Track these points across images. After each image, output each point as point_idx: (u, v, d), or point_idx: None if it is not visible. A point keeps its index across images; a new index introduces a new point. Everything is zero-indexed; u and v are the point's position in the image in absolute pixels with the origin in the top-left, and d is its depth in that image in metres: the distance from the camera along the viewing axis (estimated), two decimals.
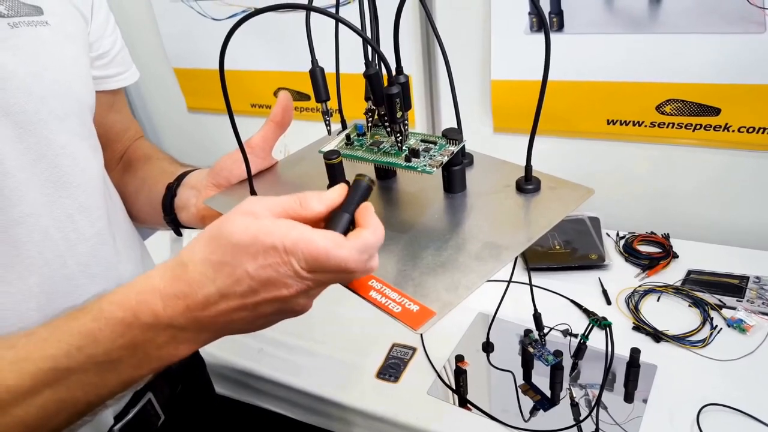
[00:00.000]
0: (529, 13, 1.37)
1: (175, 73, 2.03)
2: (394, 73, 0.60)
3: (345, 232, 0.53)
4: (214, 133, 2.07)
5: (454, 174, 0.67)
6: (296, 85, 1.78)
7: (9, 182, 0.64)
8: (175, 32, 1.93)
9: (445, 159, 0.64)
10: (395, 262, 0.60)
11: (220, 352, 1.29)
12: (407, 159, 0.64)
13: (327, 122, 0.69)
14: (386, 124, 0.62)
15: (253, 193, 0.71)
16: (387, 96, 0.59)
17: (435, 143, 0.66)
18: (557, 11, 1.35)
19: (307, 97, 1.78)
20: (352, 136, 0.70)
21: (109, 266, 0.77)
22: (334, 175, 0.67)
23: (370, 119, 0.69)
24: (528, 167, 0.65)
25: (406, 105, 0.62)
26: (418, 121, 1.69)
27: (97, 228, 0.75)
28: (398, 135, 0.63)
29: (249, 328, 0.55)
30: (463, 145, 0.66)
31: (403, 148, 0.65)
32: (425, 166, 0.63)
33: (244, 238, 0.51)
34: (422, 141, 0.67)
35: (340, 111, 0.77)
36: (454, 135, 0.66)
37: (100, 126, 0.81)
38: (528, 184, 0.65)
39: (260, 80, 1.85)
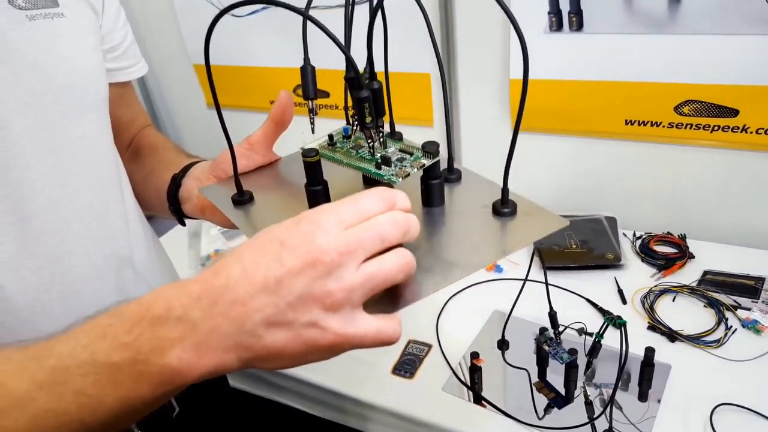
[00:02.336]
0: (549, 13, 1.37)
1: (195, 69, 2.05)
2: (363, 77, 0.60)
3: None
4: (233, 129, 2.05)
5: (431, 188, 0.66)
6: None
7: (30, 174, 0.66)
8: (195, 29, 1.94)
9: (414, 171, 0.62)
10: None
11: None
12: (378, 166, 0.63)
13: (312, 120, 0.69)
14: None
15: (238, 186, 0.72)
16: (355, 101, 0.59)
17: (411, 154, 0.65)
18: (576, 11, 1.35)
19: (326, 94, 1.79)
20: (335, 137, 0.70)
21: (125, 254, 0.80)
22: (312, 173, 0.67)
23: (356, 122, 0.70)
24: (504, 191, 0.64)
25: (379, 111, 0.62)
26: (436, 120, 1.71)
27: (113, 217, 0.77)
28: (369, 141, 0.62)
29: (270, 341, 0.45)
30: (438, 160, 0.65)
31: (377, 155, 0.64)
32: (392, 175, 0.62)
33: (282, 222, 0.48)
34: (400, 150, 0.66)
35: (346, 110, 0.77)
36: (429, 148, 0.64)
37: (109, 117, 0.82)
38: (504, 207, 0.64)
39: (280, 77, 1.86)
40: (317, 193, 0.67)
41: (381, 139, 0.63)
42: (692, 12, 1.26)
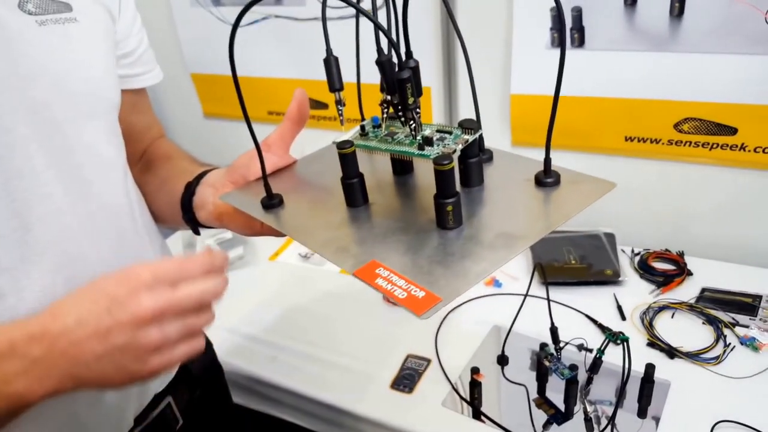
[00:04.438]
0: (551, 29, 1.38)
1: (193, 79, 2.05)
2: (404, 57, 0.60)
3: None
4: (230, 139, 2.08)
5: (471, 166, 0.66)
6: (314, 94, 1.78)
7: (35, 180, 0.65)
8: (194, 38, 1.95)
9: (459, 147, 0.62)
10: (405, 252, 0.59)
11: (235, 360, 1.29)
12: (420, 147, 0.63)
13: (340, 112, 0.68)
14: (400, 113, 0.62)
15: (267, 190, 0.71)
16: (398, 81, 0.59)
17: (450, 133, 0.65)
18: (578, 27, 1.36)
19: (324, 106, 1.79)
20: (367, 128, 0.70)
21: (132, 264, 0.79)
22: (347, 165, 0.66)
23: (386, 111, 0.68)
24: (547, 160, 0.64)
25: (418, 91, 0.61)
26: None
27: (119, 226, 0.76)
28: (411, 122, 0.62)
29: (99, 371, 0.54)
30: (480, 135, 0.65)
31: (417, 137, 0.63)
32: (438, 153, 0.61)
33: (111, 274, 0.56)
34: (438, 131, 0.66)
35: (360, 108, 0.77)
36: (470, 124, 0.64)
37: (122, 124, 0.81)
38: (548, 177, 0.64)
39: (278, 87, 1.86)
40: (354, 186, 0.67)
41: (419, 120, 0.63)
42: (693, 31, 1.27)
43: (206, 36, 1.88)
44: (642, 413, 1.07)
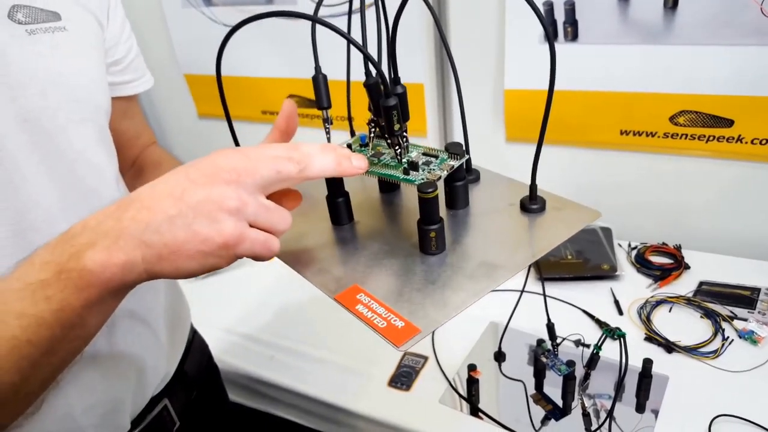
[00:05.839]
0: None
1: (186, 80, 2.04)
2: (390, 85, 0.59)
3: None
4: (224, 140, 2.05)
5: (456, 190, 0.65)
6: (308, 93, 1.78)
7: (26, 188, 0.65)
8: (186, 39, 1.94)
9: (444, 173, 0.61)
10: (387, 277, 0.59)
11: (232, 359, 1.29)
12: (405, 172, 0.62)
13: (327, 130, 0.68)
14: (387, 136, 0.61)
15: None
16: (384, 108, 0.58)
17: (436, 157, 0.64)
18: (572, 21, 1.35)
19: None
20: (353, 147, 0.69)
21: None
22: (332, 184, 0.66)
23: (373, 130, 0.68)
24: (533, 186, 0.63)
25: (405, 116, 0.60)
26: (430, 131, 1.70)
27: None
28: (397, 147, 0.61)
29: (171, 235, 0.50)
30: (464, 161, 0.64)
31: (403, 160, 0.63)
32: (423, 179, 0.60)
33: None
34: (424, 154, 0.65)
35: (350, 121, 0.76)
36: (455, 149, 0.63)
37: (112, 131, 0.81)
38: (533, 203, 0.63)
39: (272, 87, 1.86)
40: (339, 205, 0.66)
41: (405, 145, 0.62)
42: (687, 22, 1.26)
43: (199, 36, 1.88)
44: (640, 408, 1.07)
